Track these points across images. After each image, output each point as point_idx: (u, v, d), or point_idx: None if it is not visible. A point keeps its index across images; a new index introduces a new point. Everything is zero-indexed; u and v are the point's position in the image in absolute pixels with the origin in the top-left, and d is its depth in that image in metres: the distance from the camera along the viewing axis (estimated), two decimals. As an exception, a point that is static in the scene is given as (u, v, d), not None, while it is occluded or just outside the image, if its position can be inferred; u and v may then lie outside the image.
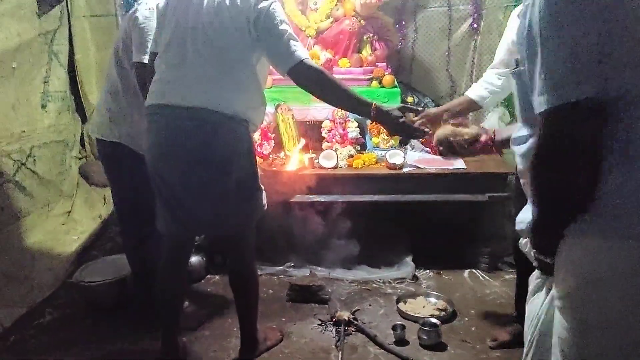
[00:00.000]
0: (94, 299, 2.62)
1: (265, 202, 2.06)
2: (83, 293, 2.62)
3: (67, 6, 3.44)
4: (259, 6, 1.83)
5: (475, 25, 3.64)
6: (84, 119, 3.65)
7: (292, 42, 1.83)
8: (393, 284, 2.84)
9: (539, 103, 0.98)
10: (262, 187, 2.05)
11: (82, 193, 3.50)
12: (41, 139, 3.20)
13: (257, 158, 2.12)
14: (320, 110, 2.98)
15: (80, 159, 3.62)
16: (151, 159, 1.92)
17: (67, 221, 3.30)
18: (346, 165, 2.84)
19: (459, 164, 2.84)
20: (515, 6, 3.51)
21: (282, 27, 1.84)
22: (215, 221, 1.96)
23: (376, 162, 2.87)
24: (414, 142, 3.07)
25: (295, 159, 2.83)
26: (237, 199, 1.92)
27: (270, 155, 2.89)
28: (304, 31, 3.05)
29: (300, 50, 1.84)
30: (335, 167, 2.82)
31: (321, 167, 2.82)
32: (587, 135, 0.95)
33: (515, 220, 1.21)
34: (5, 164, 2.87)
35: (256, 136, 2.91)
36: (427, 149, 3.03)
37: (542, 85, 0.97)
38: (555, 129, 0.97)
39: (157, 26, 2.01)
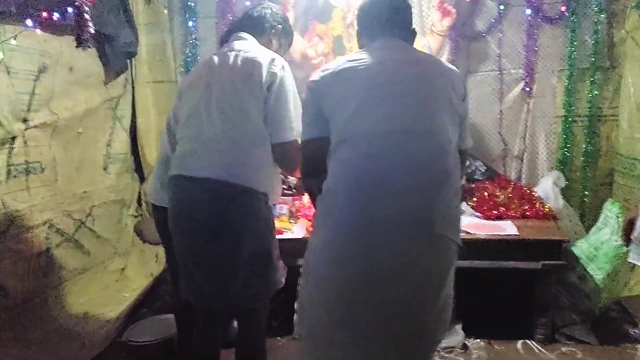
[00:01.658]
0: (141, 359, 2.65)
1: (283, 277, 2.06)
2: (131, 352, 2.66)
3: (132, 73, 3.66)
4: (272, 70, 1.92)
5: (527, 89, 3.62)
6: (142, 179, 3.81)
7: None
8: (442, 353, 2.74)
9: None
10: (281, 261, 2.05)
11: (136, 251, 3.61)
12: (101, 199, 3.35)
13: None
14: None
15: (136, 217, 3.76)
16: (171, 230, 2.01)
17: (121, 278, 3.39)
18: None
19: (510, 229, 2.77)
20: (570, 70, 3.51)
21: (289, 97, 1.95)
22: (223, 297, 1.97)
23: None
24: (464, 206, 3.02)
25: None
26: (248, 274, 1.93)
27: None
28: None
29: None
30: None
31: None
32: None
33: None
34: (67, 223, 3.01)
35: (305, 198, 2.94)
36: (478, 213, 2.97)
37: None
38: None
39: (177, 98, 2.13)
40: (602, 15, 3.43)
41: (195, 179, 1.94)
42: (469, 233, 2.74)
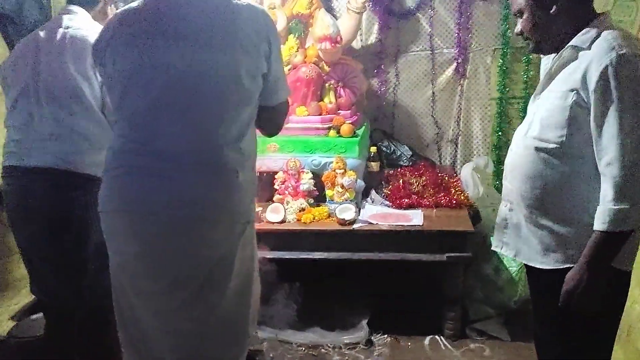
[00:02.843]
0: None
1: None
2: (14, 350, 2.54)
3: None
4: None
5: (460, 70, 3.44)
6: None
7: None
8: (343, 350, 2.61)
9: None
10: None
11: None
12: None
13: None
14: (275, 160, 2.84)
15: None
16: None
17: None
18: (295, 220, 2.67)
19: (416, 219, 2.62)
20: (504, 49, 3.32)
21: None
22: (71, 293, 1.87)
23: (329, 217, 2.69)
24: (374, 194, 2.87)
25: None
26: (98, 268, 1.79)
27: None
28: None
29: None
30: (283, 221, 2.66)
31: (267, 222, 2.67)
32: None
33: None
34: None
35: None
36: (387, 202, 2.82)
37: None
38: None
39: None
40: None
41: (31, 169, 1.80)
42: (371, 224, 2.60)
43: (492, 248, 1.80)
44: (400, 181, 2.93)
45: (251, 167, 1.63)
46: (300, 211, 2.70)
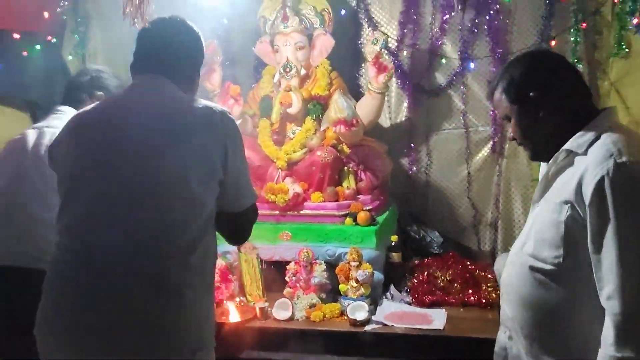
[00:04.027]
0: None
1: None
2: None
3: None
4: None
5: (497, 149, 3.19)
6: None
7: None
8: None
9: None
10: None
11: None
12: None
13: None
14: (288, 249, 2.66)
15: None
16: None
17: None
18: (304, 317, 2.45)
19: (438, 321, 2.33)
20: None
21: None
22: None
23: (341, 315, 2.45)
24: (393, 290, 2.61)
25: (243, 308, 2.51)
26: None
27: (225, 302, 2.58)
28: (275, 162, 2.80)
29: None
30: (291, 319, 2.44)
31: (275, 319, 2.46)
32: None
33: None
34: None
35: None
36: (408, 299, 2.55)
37: None
38: None
39: None
40: (579, 65, 2.97)
41: None
42: (385, 325, 2.34)
43: None
44: (425, 274, 2.66)
45: (206, 286, 1.45)
46: (310, 307, 2.48)
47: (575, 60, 2.96)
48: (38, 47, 3.03)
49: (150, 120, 1.41)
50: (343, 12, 3.18)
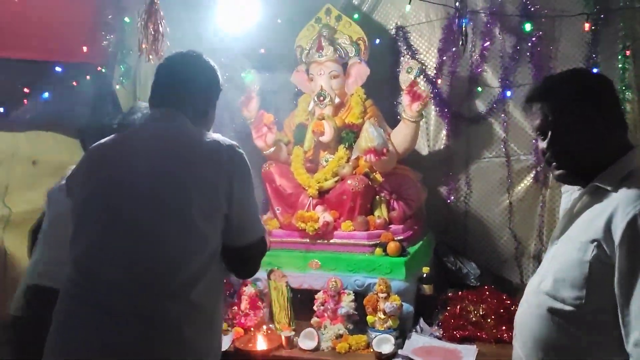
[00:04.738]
0: None
1: None
2: None
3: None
4: None
5: (541, 178, 3.07)
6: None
7: None
8: None
9: None
10: None
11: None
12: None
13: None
14: (317, 277, 2.64)
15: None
16: None
17: None
18: (330, 348, 2.41)
19: (467, 358, 2.24)
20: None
21: None
22: None
23: (367, 347, 2.40)
24: (422, 324, 2.53)
25: (270, 336, 2.50)
26: None
27: (252, 329, 2.58)
28: (306, 190, 2.81)
29: None
30: (317, 349, 2.42)
31: (301, 349, 2.44)
32: None
33: None
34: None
35: (243, 305, 2.66)
36: (438, 333, 2.47)
37: None
38: None
39: None
40: (628, 92, 2.84)
41: None
42: (411, 360, 2.27)
43: None
44: (457, 308, 2.57)
45: (208, 322, 1.46)
46: (336, 338, 2.44)
47: (624, 87, 2.82)
48: (88, 77, 3.19)
49: (157, 156, 1.45)
50: (378, 41, 3.17)
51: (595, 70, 2.81)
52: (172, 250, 1.38)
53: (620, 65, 2.84)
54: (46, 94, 3.04)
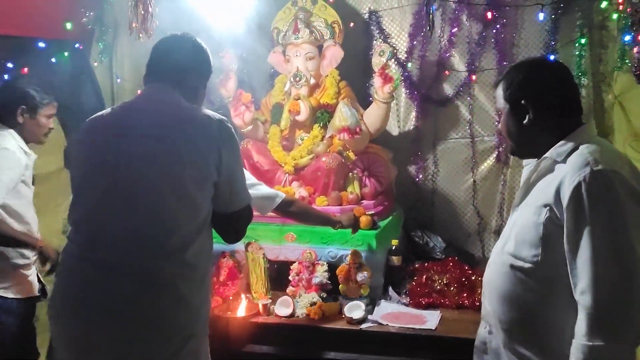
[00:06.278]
0: None
1: None
2: None
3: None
4: None
5: (502, 158, 3.27)
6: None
7: None
8: None
9: None
10: None
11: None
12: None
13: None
14: (293, 250, 2.79)
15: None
16: None
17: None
18: (305, 315, 2.57)
19: (431, 322, 2.43)
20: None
21: None
22: None
23: (340, 313, 2.56)
24: (391, 292, 2.71)
25: (248, 304, 2.64)
26: None
27: (230, 298, 2.72)
28: (283, 167, 2.94)
29: None
30: (292, 315, 2.57)
31: (277, 315, 2.59)
32: None
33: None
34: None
35: (222, 276, 2.79)
36: (405, 300, 2.65)
37: None
38: None
39: None
40: (584, 78, 3.04)
41: None
42: (380, 324, 2.44)
43: None
44: (423, 277, 2.75)
45: (201, 279, 1.59)
46: (310, 305, 2.60)
47: (580, 74, 3.01)
48: (66, 54, 3.23)
49: (152, 126, 1.57)
50: (352, 24, 3.30)
51: (552, 57, 3.00)
52: (167, 215, 1.50)
53: (577, 53, 3.03)
54: (25, 70, 3.07)
